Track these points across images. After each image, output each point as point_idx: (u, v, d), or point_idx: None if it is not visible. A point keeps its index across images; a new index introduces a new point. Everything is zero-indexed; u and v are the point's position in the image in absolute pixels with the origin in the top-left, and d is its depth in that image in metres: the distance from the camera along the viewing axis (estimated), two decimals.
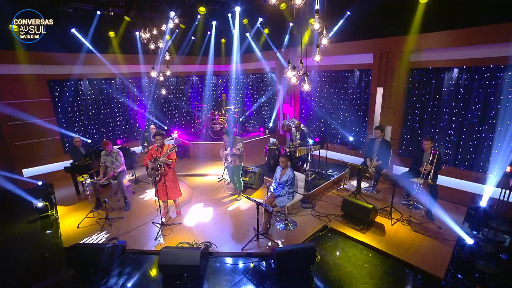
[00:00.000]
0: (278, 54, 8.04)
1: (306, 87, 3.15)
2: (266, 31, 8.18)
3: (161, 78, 6.67)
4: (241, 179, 5.64)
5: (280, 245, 4.07)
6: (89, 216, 5.02)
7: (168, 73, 6.82)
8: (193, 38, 8.90)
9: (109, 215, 4.88)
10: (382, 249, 4.01)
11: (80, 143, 6.29)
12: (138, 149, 7.91)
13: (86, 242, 4.31)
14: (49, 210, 5.27)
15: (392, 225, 4.63)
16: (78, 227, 4.75)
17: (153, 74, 6.48)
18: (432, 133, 5.71)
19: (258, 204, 4.01)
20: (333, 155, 7.28)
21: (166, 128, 9.26)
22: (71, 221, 4.98)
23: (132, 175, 6.85)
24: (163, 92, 7.20)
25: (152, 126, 7.08)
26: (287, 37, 7.67)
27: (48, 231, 4.83)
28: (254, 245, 4.16)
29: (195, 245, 4.14)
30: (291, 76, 3.26)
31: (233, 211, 5.22)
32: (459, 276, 3.50)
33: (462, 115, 5.29)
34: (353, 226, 4.61)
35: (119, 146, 7.53)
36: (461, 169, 5.45)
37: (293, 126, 6.61)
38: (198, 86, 10.36)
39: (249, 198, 4.13)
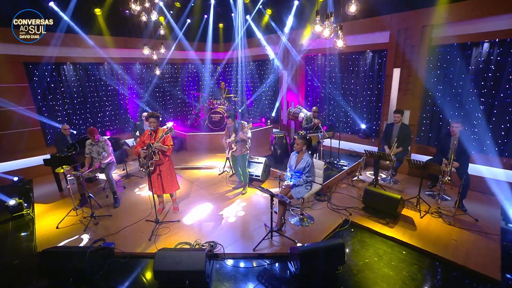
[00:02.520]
0: (282, 37, 7.39)
1: (340, 43, 2.54)
2: (268, 12, 7.53)
3: (155, 57, 5.93)
4: (247, 170, 5.00)
5: (299, 244, 3.45)
6: (71, 214, 4.31)
7: (162, 51, 6.08)
8: (188, 21, 8.19)
9: (94, 212, 4.18)
10: (417, 245, 3.44)
11: (69, 132, 5.65)
12: (129, 141, 7.18)
13: (65, 245, 3.62)
14: (23, 209, 4.53)
15: (421, 217, 4.07)
16: (57, 228, 4.04)
17: (146, 51, 5.74)
18: (456, 116, 5.17)
19: (273, 195, 3.38)
20: (343, 144, 6.69)
21: (160, 119, 8.54)
22: (50, 221, 4.25)
23: (123, 169, 6.14)
24: (157, 72, 6.45)
25: (145, 114, 6.37)
26: (292, 18, 7.02)
27: (21, 234, 4.08)
28: (267, 244, 3.54)
29: (197, 246, 3.50)
30: (321, 30, 2.60)
31: (239, 206, 4.58)
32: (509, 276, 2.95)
33: (492, 96, 4.76)
34: (377, 220, 4.03)
35: (108, 137, 6.79)
36: (489, 155, 4.93)
37: (311, 112, 5.97)
38: (194, 74, 9.62)
39: (262, 189, 3.49)
